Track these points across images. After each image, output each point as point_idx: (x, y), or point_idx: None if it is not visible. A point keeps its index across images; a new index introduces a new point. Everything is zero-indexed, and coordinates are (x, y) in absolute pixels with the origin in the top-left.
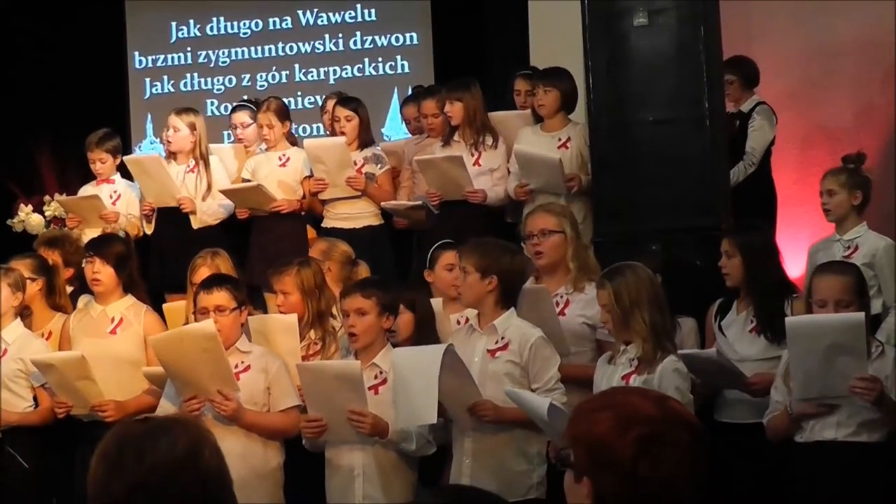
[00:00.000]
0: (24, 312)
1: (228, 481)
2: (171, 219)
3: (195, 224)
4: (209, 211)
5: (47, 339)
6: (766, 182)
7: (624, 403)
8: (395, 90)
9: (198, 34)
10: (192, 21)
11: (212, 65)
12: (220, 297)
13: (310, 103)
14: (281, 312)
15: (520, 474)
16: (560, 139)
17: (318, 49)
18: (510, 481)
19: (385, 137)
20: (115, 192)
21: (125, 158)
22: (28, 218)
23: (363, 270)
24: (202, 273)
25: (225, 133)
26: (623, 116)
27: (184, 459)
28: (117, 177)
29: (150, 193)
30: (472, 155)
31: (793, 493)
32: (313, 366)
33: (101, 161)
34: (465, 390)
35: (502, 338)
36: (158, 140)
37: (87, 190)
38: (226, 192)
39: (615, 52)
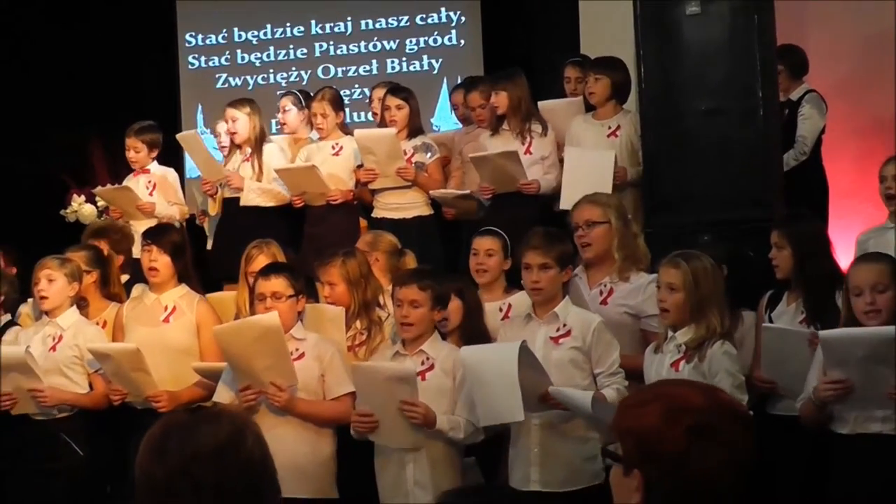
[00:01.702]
0: (80, 304)
1: (272, 471)
2: (227, 209)
3: (242, 201)
4: (267, 188)
5: (102, 328)
6: (817, 171)
7: (672, 395)
8: (445, 80)
9: (253, 33)
10: (245, 22)
11: (262, 62)
12: (278, 283)
13: (359, 95)
14: (328, 303)
15: (586, 461)
16: (610, 127)
17: (373, 48)
18: (577, 468)
19: (434, 128)
20: (150, 182)
21: (177, 136)
22: (80, 208)
23: (410, 261)
24: (259, 262)
25: (273, 121)
26: (674, 106)
27: (226, 447)
28: (153, 165)
29: (202, 169)
30: (522, 144)
31: (835, 484)
32: (367, 367)
33: (136, 150)
34: (536, 381)
35: (564, 325)
36: (209, 131)
37: (127, 181)
38: (280, 172)
39: (667, 42)
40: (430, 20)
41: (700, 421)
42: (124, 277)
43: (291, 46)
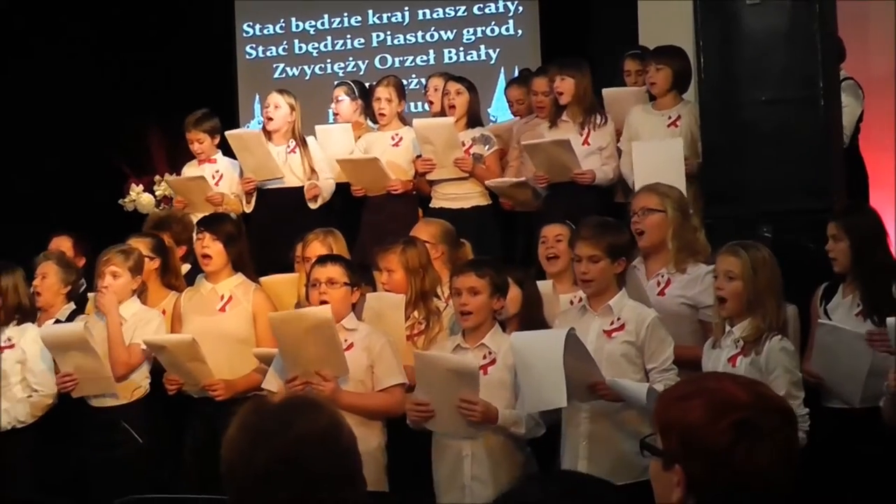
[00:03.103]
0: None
1: (360, 460)
2: (274, 199)
3: (314, 205)
4: (326, 186)
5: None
6: (856, 159)
7: (715, 390)
8: (502, 71)
9: (310, 23)
10: (303, 12)
11: (320, 52)
12: (334, 270)
13: (416, 85)
14: (385, 290)
15: (635, 455)
16: (670, 117)
17: (430, 38)
18: (625, 462)
19: (491, 118)
20: (217, 171)
21: (227, 133)
22: (139, 198)
23: (467, 250)
24: (314, 248)
25: (329, 111)
26: (734, 96)
27: (326, 433)
28: (219, 155)
29: (249, 168)
30: (581, 134)
31: None
32: (430, 356)
33: (199, 141)
34: (586, 370)
35: (618, 318)
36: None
37: (189, 170)
38: (342, 163)
39: (727, 31)
40: (487, 10)
41: (744, 416)
42: (186, 267)
43: (348, 36)
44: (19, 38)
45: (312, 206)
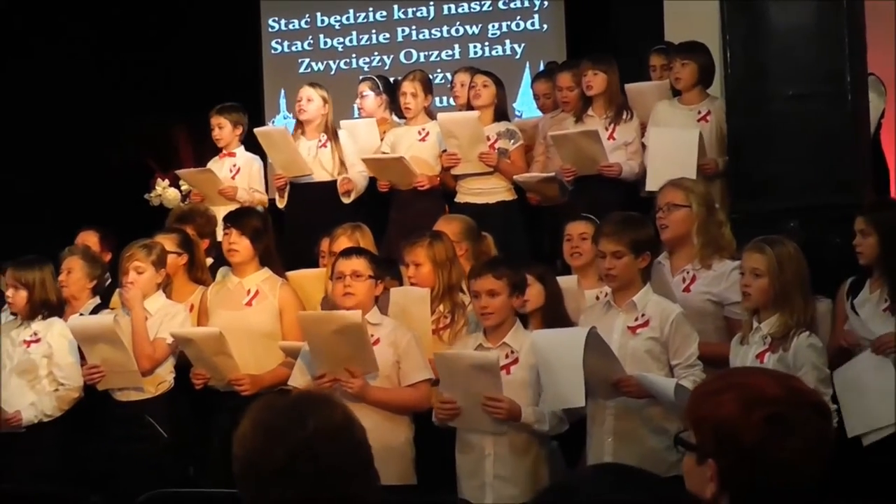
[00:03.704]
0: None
1: (372, 454)
2: (304, 194)
3: (347, 199)
4: (359, 180)
5: (189, 311)
6: (877, 155)
7: (747, 384)
8: (527, 66)
9: (335, 17)
10: (328, 7)
11: (345, 47)
12: (358, 263)
13: (441, 79)
14: (412, 284)
15: (661, 451)
16: (700, 112)
17: (455, 33)
18: (651, 459)
19: (517, 113)
20: (234, 165)
21: (255, 130)
22: (164, 192)
23: (489, 243)
24: (341, 243)
25: (355, 105)
26: (761, 91)
27: (342, 428)
28: (240, 150)
29: (279, 165)
30: (607, 129)
31: None
32: (450, 355)
33: (219, 126)
34: (609, 367)
35: (642, 314)
36: (291, 115)
37: (213, 165)
38: (367, 162)
39: (753, 26)
40: (513, 4)
41: (777, 410)
42: (209, 261)
43: (374, 31)
44: (44, 31)
45: (346, 200)
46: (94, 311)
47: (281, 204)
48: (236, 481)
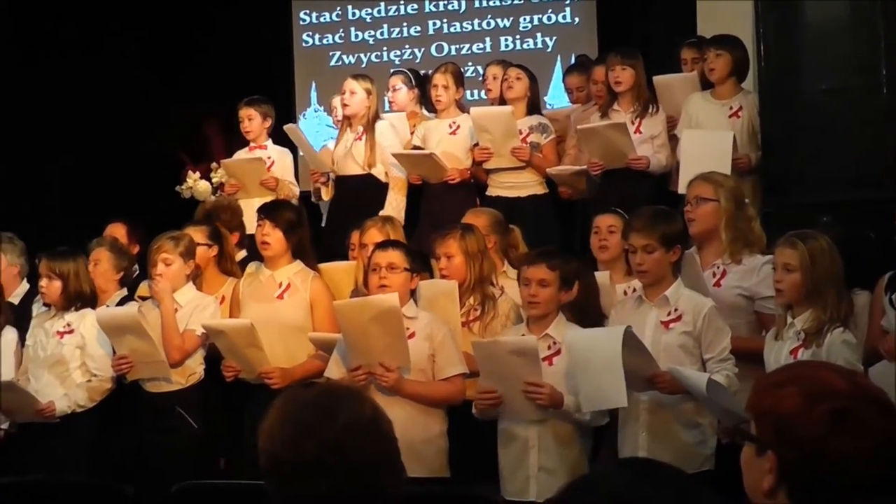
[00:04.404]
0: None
1: (398, 447)
2: (336, 188)
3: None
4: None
5: (220, 304)
6: None
7: (812, 377)
8: (559, 59)
9: (366, 10)
10: (359, 0)
11: (376, 40)
12: (394, 255)
13: (472, 73)
14: (443, 276)
15: (694, 446)
16: (732, 108)
17: (486, 26)
18: (685, 453)
19: (548, 106)
20: (268, 157)
21: (285, 127)
22: (196, 185)
23: (517, 236)
24: (372, 235)
25: (386, 99)
26: (794, 85)
27: (370, 422)
28: (269, 142)
29: (310, 160)
30: (633, 123)
31: None
32: (489, 342)
33: (249, 118)
34: (643, 363)
35: (675, 309)
36: (323, 109)
37: (241, 155)
38: (398, 157)
39: (787, 19)
40: None
41: (842, 405)
42: (241, 254)
43: (405, 24)
44: (76, 25)
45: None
46: (121, 302)
47: (326, 196)
48: (263, 475)
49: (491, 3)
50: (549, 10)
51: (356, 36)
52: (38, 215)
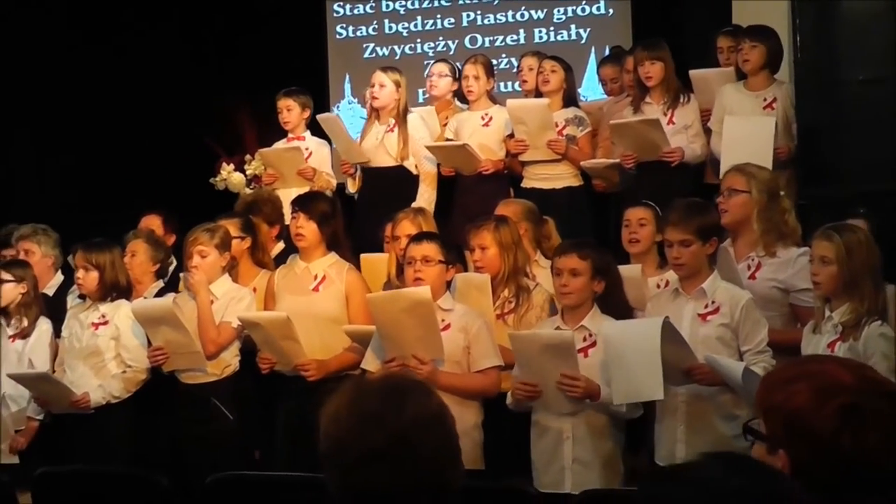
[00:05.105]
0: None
1: (459, 443)
2: (369, 180)
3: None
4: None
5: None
6: None
7: (820, 373)
8: (593, 50)
9: (400, 2)
10: None
11: (410, 32)
12: (429, 248)
13: (506, 64)
14: (477, 267)
15: (731, 438)
16: (766, 99)
17: (520, 17)
18: (723, 445)
19: (582, 98)
20: (306, 148)
21: (318, 117)
22: (230, 177)
23: (551, 227)
24: (404, 227)
25: (420, 91)
26: (831, 76)
27: (436, 416)
28: (307, 134)
29: (343, 151)
30: (665, 114)
31: None
32: (525, 335)
33: (288, 109)
34: (681, 355)
35: (712, 301)
36: (357, 101)
37: (279, 146)
38: (431, 149)
39: (823, 10)
40: None
41: (851, 400)
42: (280, 246)
43: (439, 16)
44: (111, 17)
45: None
46: (158, 294)
47: (353, 188)
48: (322, 460)
49: (524, 4)
50: (584, 2)
51: (390, 28)
52: (71, 206)
